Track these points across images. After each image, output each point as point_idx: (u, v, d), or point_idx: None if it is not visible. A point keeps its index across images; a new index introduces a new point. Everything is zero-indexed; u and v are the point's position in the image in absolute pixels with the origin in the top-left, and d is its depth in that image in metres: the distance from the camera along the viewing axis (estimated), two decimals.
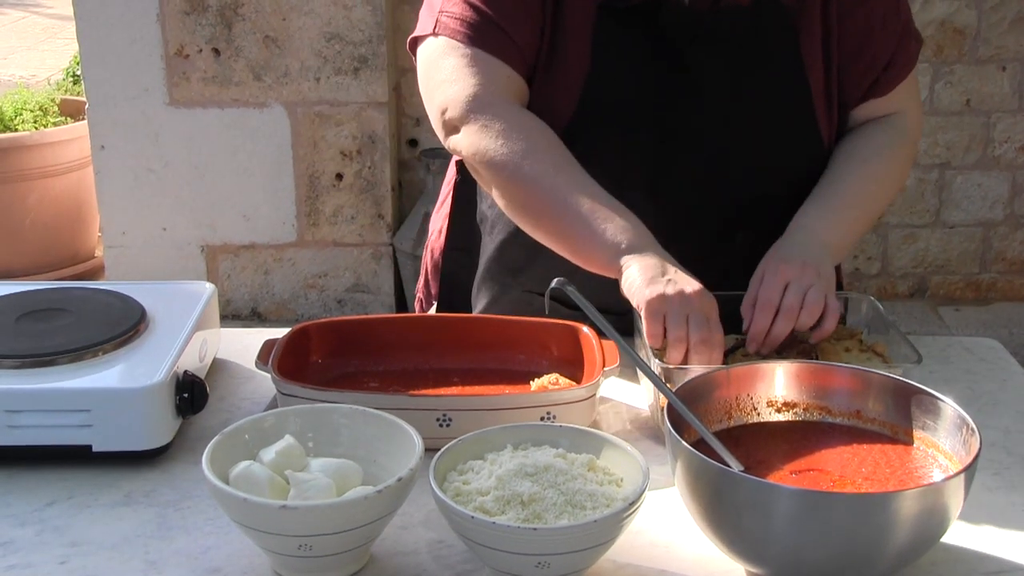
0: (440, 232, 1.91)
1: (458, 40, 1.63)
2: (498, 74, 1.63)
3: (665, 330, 1.43)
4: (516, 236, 1.71)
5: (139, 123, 3.97)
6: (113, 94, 3.94)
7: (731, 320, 1.59)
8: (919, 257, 4.35)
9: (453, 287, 1.89)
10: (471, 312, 1.84)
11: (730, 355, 1.54)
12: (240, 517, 1.16)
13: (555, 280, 1.33)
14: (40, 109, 4.71)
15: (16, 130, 4.55)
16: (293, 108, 3.97)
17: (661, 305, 1.44)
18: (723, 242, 1.70)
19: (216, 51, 3.91)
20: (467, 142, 1.62)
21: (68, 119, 4.73)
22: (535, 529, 1.12)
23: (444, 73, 1.64)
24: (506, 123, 1.59)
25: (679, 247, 1.53)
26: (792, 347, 1.56)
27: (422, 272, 1.98)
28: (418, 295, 1.99)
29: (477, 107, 1.61)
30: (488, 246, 1.80)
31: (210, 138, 3.99)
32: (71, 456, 1.39)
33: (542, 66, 1.66)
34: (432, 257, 1.93)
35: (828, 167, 1.71)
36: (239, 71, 3.93)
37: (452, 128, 1.64)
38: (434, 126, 1.68)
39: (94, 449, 1.39)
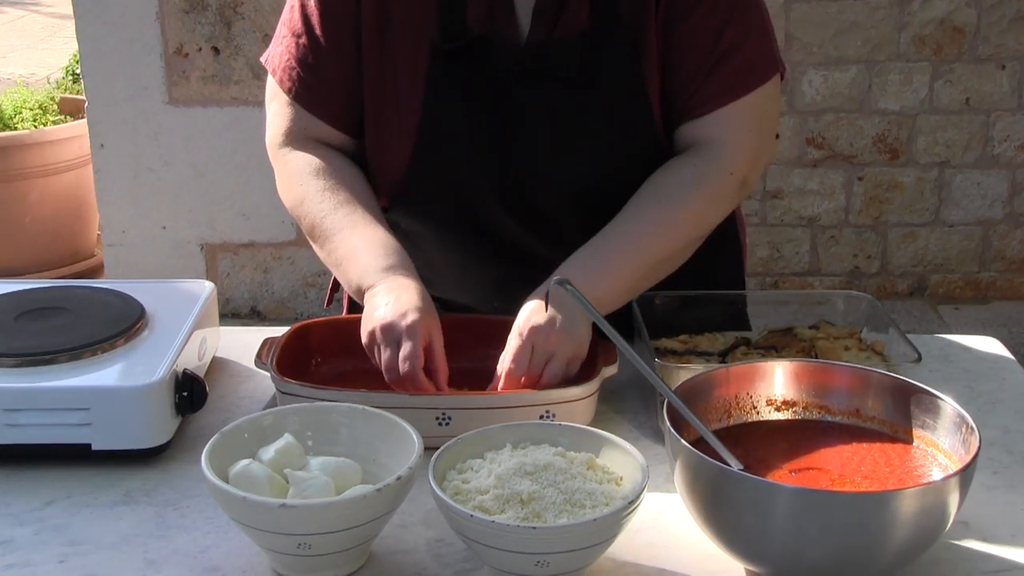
0: None
1: (281, 88, 1.70)
2: (309, 125, 1.69)
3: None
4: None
5: (139, 122, 3.97)
6: (113, 93, 3.94)
7: (722, 320, 1.60)
8: (919, 256, 4.35)
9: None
10: None
11: (729, 353, 1.54)
12: (239, 516, 1.16)
13: (556, 279, 1.33)
14: (40, 108, 4.71)
15: (16, 129, 4.55)
16: None
17: (368, 343, 1.47)
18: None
19: (216, 50, 3.91)
20: (276, 181, 1.74)
21: (68, 118, 4.73)
22: (534, 528, 1.12)
23: (269, 115, 1.75)
24: (297, 166, 1.68)
25: (526, 283, 1.53)
26: (791, 346, 1.56)
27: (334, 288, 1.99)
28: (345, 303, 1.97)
29: (277, 152, 1.73)
30: None
31: (209, 137, 3.99)
32: (70, 455, 1.39)
33: (372, 113, 1.66)
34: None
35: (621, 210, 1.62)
36: (238, 70, 3.93)
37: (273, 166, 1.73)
38: None
39: (93, 448, 1.39)
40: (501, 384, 1.46)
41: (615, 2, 1.59)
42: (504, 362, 1.47)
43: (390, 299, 1.47)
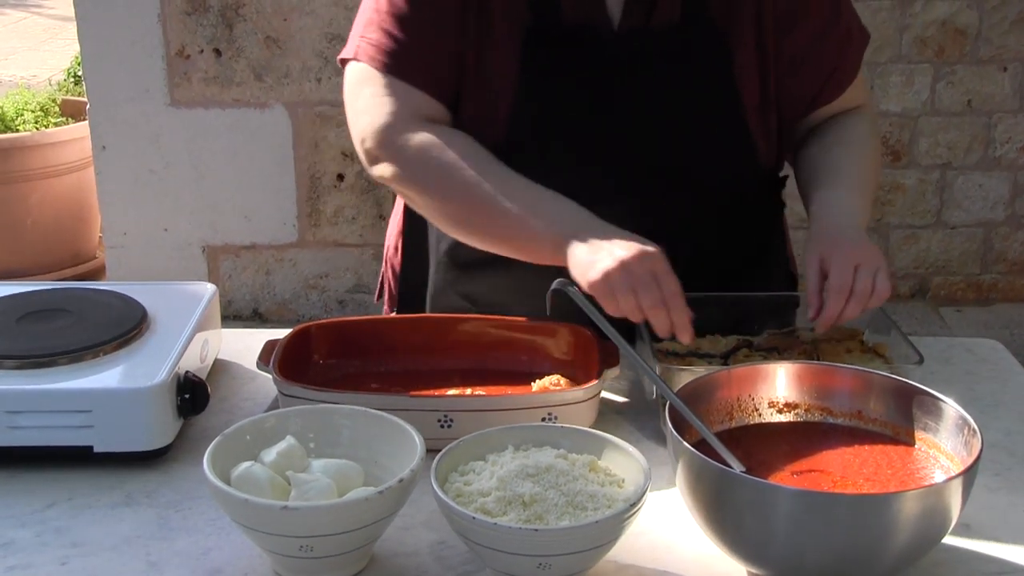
0: (397, 248, 1.92)
1: (374, 67, 1.64)
2: (413, 102, 1.64)
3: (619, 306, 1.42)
4: (456, 253, 1.73)
5: (140, 123, 3.97)
6: (114, 94, 3.94)
7: (718, 321, 1.59)
8: (920, 258, 4.35)
9: (412, 299, 1.87)
10: None
11: (731, 355, 1.54)
12: (241, 518, 1.16)
13: (556, 281, 1.33)
14: (41, 109, 4.72)
15: (17, 130, 4.55)
16: (294, 108, 3.97)
17: (605, 284, 1.41)
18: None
19: (217, 51, 3.91)
20: (390, 171, 1.63)
21: (69, 119, 4.73)
22: (536, 530, 1.12)
23: (361, 102, 1.66)
24: (422, 144, 1.60)
25: None
26: (793, 348, 1.56)
27: (385, 286, 1.97)
28: (384, 308, 1.98)
29: (392, 136, 1.62)
30: (436, 260, 1.81)
31: (211, 138, 3.99)
32: (72, 457, 1.39)
33: (468, 92, 1.66)
34: (393, 271, 1.93)
35: (820, 155, 1.72)
36: (240, 71, 3.93)
37: (373, 158, 1.65)
38: (359, 155, 1.69)
39: (95, 450, 1.39)
40: (828, 307, 1.47)
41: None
42: (816, 284, 1.51)
43: (623, 238, 1.45)
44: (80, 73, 4.53)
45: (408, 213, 1.85)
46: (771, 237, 1.85)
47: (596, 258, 1.43)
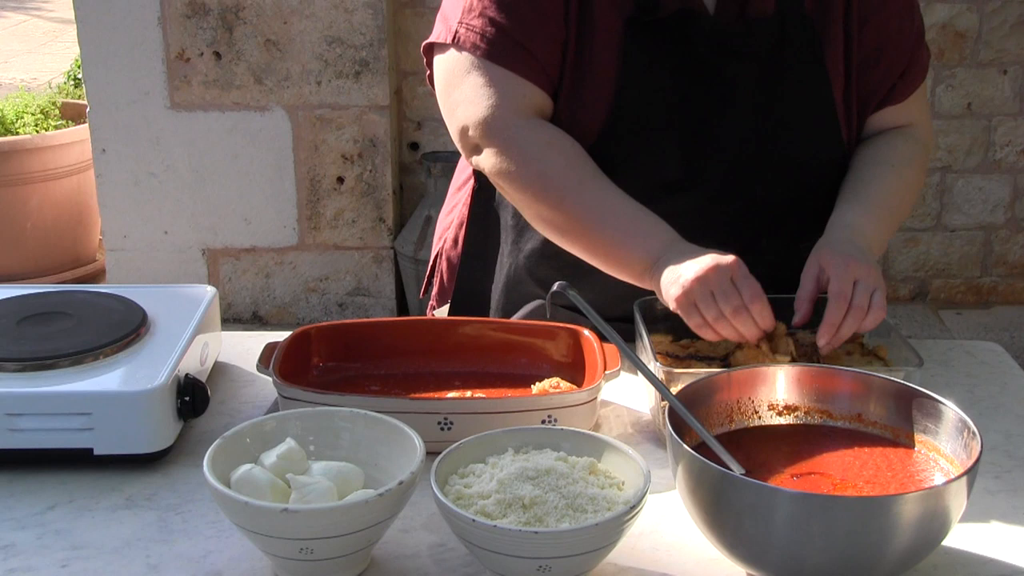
0: (456, 241, 1.91)
1: (478, 56, 1.64)
2: (518, 92, 1.64)
3: (703, 317, 1.45)
4: (548, 250, 1.73)
5: (140, 126, 3.97)
6: (114, 97, 3.94)
7: None
8: (920, 261, 4.35)
9: (469, 294, 1.88)
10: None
11: (731, 356, 1.54)
12: (241, 520, 1.16)
13: (556, 284, 1.33)
14: (41, 112, 4.72)
15: (17, 133, 4.55)
16: (294, 111, 3.97)
17: (686, 298, 1.45)
18: (748, 250, 1.67)
19: (217, 54, 3.92)
20: (490, 162, 1.64)
21: (69, 122, 4.73)
22: (536, 533, 1.12)
23: (464, 92, 1.65)
24: (527, 142, 1.63)
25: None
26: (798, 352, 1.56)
27: (436, 279, 1.97)
28: (431, 302, 1.98)
29: (498, 128, 1.63)
30: (516, 256, 1.80)
31: (211, 141, 3.99)
32: (72, 459, 1.39)
33: (569, 80, 1.67)
34: (449, 264, 1.93)
35: (858, 169, 1.73)
36: (240, 74, 3.94)
37: (474, 147, 1.66)
38: (455, 142, 1.70)
39: (95, 452, 1.39)
40: (828, 313, 1.47)
41: None
42: (810, 291, 1.51)
43: (698, 254, 1.48)
44: (80, 76, 4.54)
45: (475, 208, 1.85)
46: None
47: (676, 276, 1.47)
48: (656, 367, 1.44)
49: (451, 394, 1.51)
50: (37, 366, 1.44)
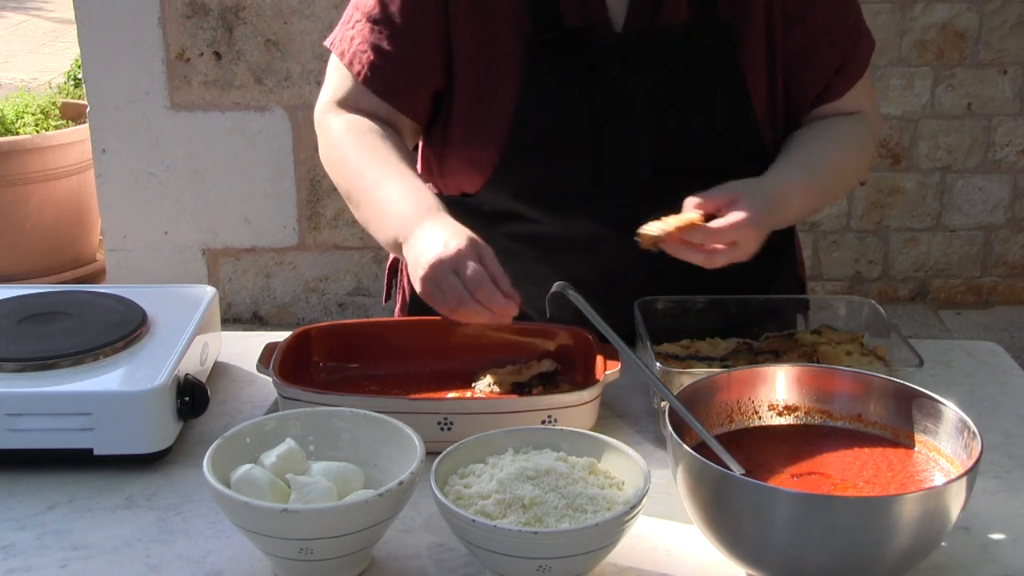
0: None
1: (347, 68, 1.72)
2: (363, 101, 1.71)
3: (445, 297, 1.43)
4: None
5: (140, 126, 3.97)
6: (114, 97, 3.94)
7: (718, 324, 1.59)
8: (920, 261, 4.35)
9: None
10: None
11: (731, 357, 1.54)
12: (241, 521, 1.16)
13: (556, 284, 1.33)
14: (41, 112, 4.72)
15: (17, 133, 4.55)
16: (294, 111, 3.97)
17: (430, 279, 1.42)
18: (666, 259, 1.66)
19: (217, 55, 3.92)
20: (320, 152, 1.77)
21: (69, 122, 4.73)
22: (536, 533, 1.12)
23: (327, 85, 1.77)
24: (338, 131, 1.70)
25: (621, 264, 1.59)
26: (793, 351, 1.56)
27: (398, 292, 1.95)
28: (397, 311, 1.96)
29: (320, 117, 1.76)
30: None
31: (211, 141, 3.99)
32: (72, 459, 1.39)
33: (467, 99, 1.67)
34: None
35: (800, 139, 1.72)
36: (240, 74, 3.94)
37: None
38: None
39: (95, 452, 1.39)
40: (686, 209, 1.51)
41: None
42: (724, 225, 1.50)
43: (430, 239, 1.46)
44: (80, 76, 4.54)
45: None
46: (779, 235, 1.82)
47: (423, 257, 1.44)
48: (656, 367, 1.44)
49: (451, 394, 1.51)
50: (37, 366, 1.44)
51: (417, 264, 1.45)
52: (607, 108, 1.65)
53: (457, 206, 1.72)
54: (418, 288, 1.45)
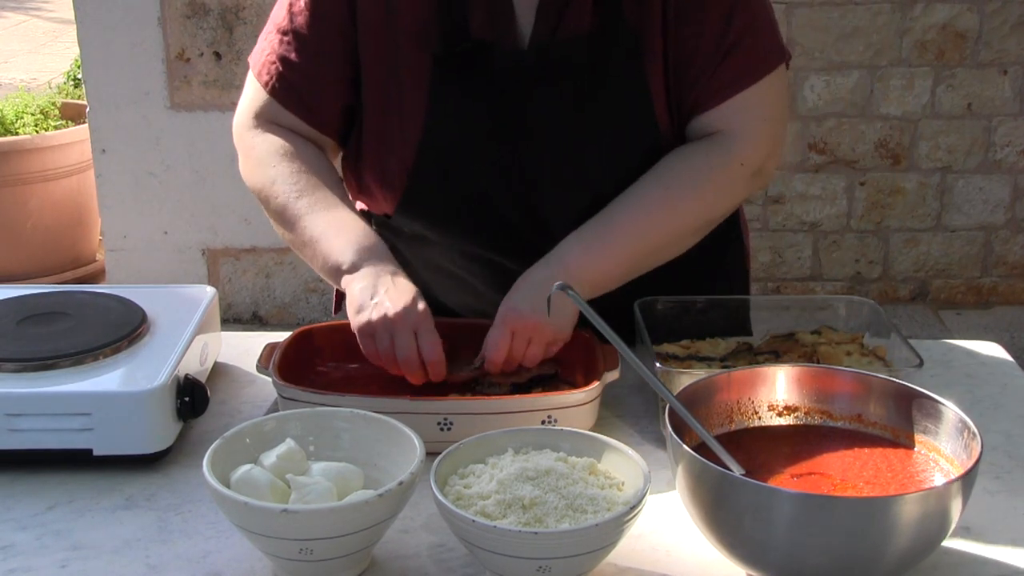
0: None
1: (258, 79, 1.71)
2: (275, 114, 1.70)
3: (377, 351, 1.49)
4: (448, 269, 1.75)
5: (140, 126, 3.97)
6: (114, 97, 3.94)
7: (724, 325, 1.60)
8: (920, 261, 4.35)
9: None
10: None
11: (731, 357, 1.54)
12: (241, 521, 1.16)
13: (556, 284, 1.33)
14: (41, 112, 4.72)
15: (17, 133, 4.55)
16: None
17: (367, 330, 1.48)
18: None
19: (217, 55, 3.92)
20: (241, 168, 1.74)
21: (69, 123, 4.73)
22: (536, 533, 1.12)
23: (243, 97, 1.75)
24: (264, 151, 1.68)
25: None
26: (793, 351, 1.56)
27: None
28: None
29: (239, 134, 1.74)
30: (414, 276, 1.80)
31: (211, 141, 3.99)
32: (72, 460, 1.39)
33: (376, 114, 1.66)
34: None
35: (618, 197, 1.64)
36: (240, 75, 3.93)
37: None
38: None
39: (95, 453, 1.39)
40: (487, 365, 1.52)
41: (619, 3, 1.60)
42: (486, 347, 1.52)
43: (378, 288, 1.50)
44: (80, 76, 4.54)
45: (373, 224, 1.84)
46: (721, 227, 1.75)
47: (365, 306, 1.49)
48: (656, 367, 1.44)
49: (451, 394, 1.51)
50: (37, 366, 1.44)
51: (359, 309, 1.49)
52: (510, 123, 1.63)
53: (383, 227, 1.76)
54: (353, 327, 1.50)
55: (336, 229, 1.58)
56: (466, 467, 1.24)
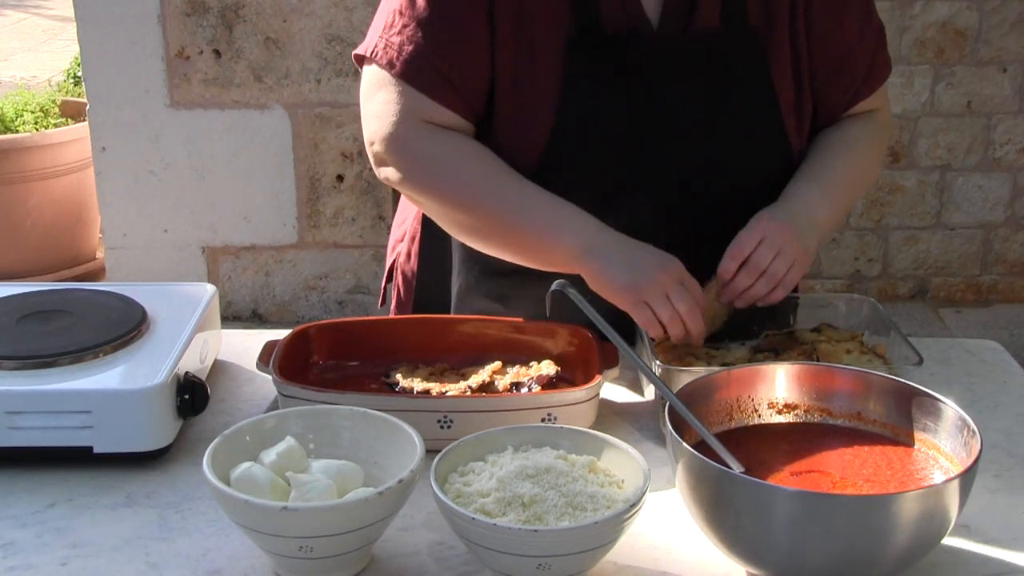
0: (410, 255, 1.90)
1: (391, 73, 1.62)
2: (426, 111, 1.62)
3: (656, 315, 1.49)
4: (498, 265, 1.72)
5: (140, 124, 3.97)
6: (114, 95, 3.94)
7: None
8: (920, 259, 4.35)
9: (427, 309, 1.86)
10: None
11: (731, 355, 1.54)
12: (241, 518, 1.16)
13: (556, 283, 1.33)
14: (41, 110, 4.71)
15: (17, 131, 4.55)
16: (294, 110, 3.97)
17: (639, 297, 1.49)
18: (697, 259, 1.64)
19: (217, 52, 3.92)
20: (396, 175, 1.64)
21: (69, 120, 4.73)
22: (536, 531, 1.12)
23: (375, 105, 1.65)
24: (434, 152, 1.62)
25: None
26: (793, 349, 1.56)
27: (393, 293, 1.94)
28: (392, 314, 1.96)
29: (402, 141, 1.62)
30: (467, 270, 1.79)
31: (211, 139, 3.99)
32: (72, 457, 1.39)
33: (507, 104, 1.64)
34: (405, 279, 1.91)
35: (814, 151, 1.74)
36: (240, 73, 3.93)
37: (381, 161, 1.66)
38: (368, 155, 1.70)
39: (95, 450, 1.39)
40: (737, 280, 1.55)
41: (744, 4, 1.65)
42: (730, 247, 1.54)
43: (632, 249, 1.53)
44: (80, 74, 4.54)
45: (427, 220, 1.82)
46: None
47: (625, 274, 1.49)
48: (656, 365, 1.44)
49: (451, 392, 1.51)
50: (37, 364, 1.44)
51: (640, 268, 1.50)
52: (646, 111, 1.65)
53: None
54: (627, 288, 1.50)
55: (565, 216, 1.58)
56: (466, 465, 1.24)
